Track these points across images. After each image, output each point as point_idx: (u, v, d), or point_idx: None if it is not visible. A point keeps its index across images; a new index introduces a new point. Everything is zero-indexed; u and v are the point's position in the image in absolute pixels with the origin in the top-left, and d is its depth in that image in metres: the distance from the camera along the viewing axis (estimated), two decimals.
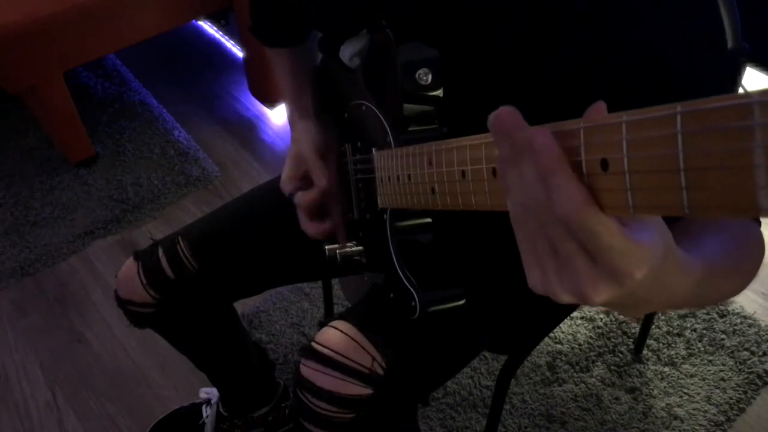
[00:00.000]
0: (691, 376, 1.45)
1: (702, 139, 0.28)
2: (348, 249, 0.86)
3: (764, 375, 1.44)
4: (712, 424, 1.37)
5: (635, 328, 1.54)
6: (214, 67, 2.52)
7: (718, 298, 0.57)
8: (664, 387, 1.44)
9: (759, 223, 0.61)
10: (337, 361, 0.79)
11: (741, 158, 0.26)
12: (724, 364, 1.47)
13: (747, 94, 0.25)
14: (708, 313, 1.57)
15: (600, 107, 0.36)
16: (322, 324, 0.85)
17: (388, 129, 0.71)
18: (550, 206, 0.36)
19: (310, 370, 0.81)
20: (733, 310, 1.56)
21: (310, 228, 0.92)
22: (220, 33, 2.65)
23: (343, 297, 1.55)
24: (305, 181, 0.92)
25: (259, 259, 1.01)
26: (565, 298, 0.38)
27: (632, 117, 0.31)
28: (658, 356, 1.50)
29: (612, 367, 1.48)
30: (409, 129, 0.69)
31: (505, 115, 0.38)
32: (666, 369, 1.47)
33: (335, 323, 0.83)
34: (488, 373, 1.48)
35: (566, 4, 0.62)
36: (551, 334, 1.54)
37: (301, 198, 0.91)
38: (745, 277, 0.56)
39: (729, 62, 0.76)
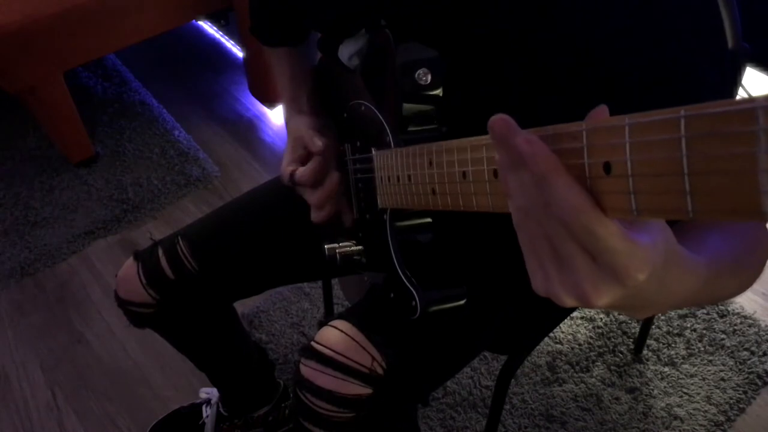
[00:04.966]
0: (691, 376, 1.45)
1: (706, 144, 0.28)
2: (348, 249, 0.86)
3: (764, 375, 1.44)
4: (712, 424, 1.37)
5: (635, 328, 1.54)
6: (214, 67, 2.52)
7: (723, 296, 0.57)
8: (664, 387, 1.44)
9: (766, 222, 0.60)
10: (337, 361, 0.79)
11: (745, 163, 0.26)
12: (724, 364, 1.47)
13: (751, 99, 0.25)
14: (708, 313, 1.57)
15: (602, 111, 0.36)
16: (322, 324, 0.85)
17: (387, 129, 0.71)
18: (550, 209, 0.36)
19: (310, 370, 0.81)
20: (733, 310, 1.56)
21: (318, 195, 0.87)
22: (220, 33, 2.65)
23: (343, 297, 1.55)
24: (304, 163, 0.89)
25: (259, 259, 1.01)
26: (568, 301, 0.38)
27: (635, 120, 0.31)
28: (658, 356, 1.50)
29: (612, 367, 1.48)
30: (409, 129, 0.69)
31: (498, 122, 0.38)
32: (666, 369, 1.47)
33: (335, 323, 0.83)
34: (488, 373, 1.48)
35: (567, 5, 0.62)
36: (551, 334, 1.54)
37: (301, 172, 0.87)
38: (751, 275, 0.56)
39: (729, 62, 0.76)
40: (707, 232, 0.55)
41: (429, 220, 0.74)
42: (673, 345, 1.51)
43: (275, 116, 2.29)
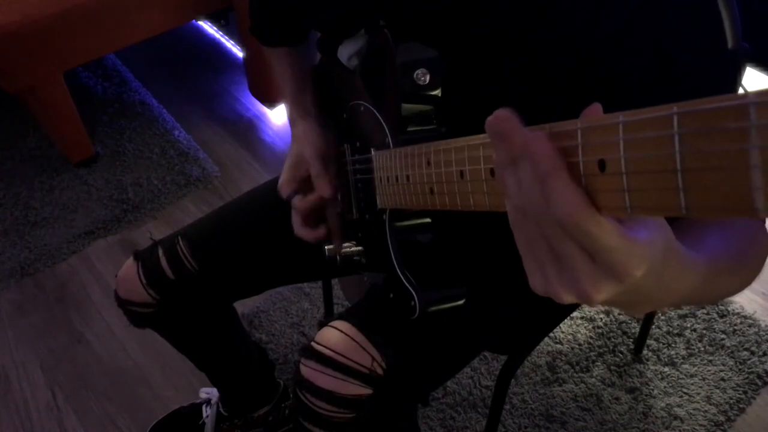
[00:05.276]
0: (691, 376, 1.45)
1: (699, 140, 0.28)
2: (348, 249, 0.86)
3: (764, 375, 1.44)
4: (712, 424, 1.37)
5: (635, 328, 1.54)
6: (214, 67, 2.52)
7: (723, 294, 0.57)
8: (664, 387, 1.44)
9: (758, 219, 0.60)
10: (337, 361, 0.79)
11: (737, 159, 0.26)
12: (724, 364, 1.47)
13: (743, 95, 0.25)
14: (708, 313, 1.57)
15: (596, 108, 0.36)
16: (322, 324, 0.85)
17: (386, 129, 0.71)
18: (547, 209, 0.36)
19: (310, 370, 0.81)
20: (733, 310, 1.56)
21: (305, 233, 0.91)
22: (220, 33, 2.65)
23: (343, 297, 1.55)
24: (304, 183, 0.92)
25: (259, 259, 1.01)
26: (567, 299, 0.38)
27: (629, 117, 0.31)
28: (658, 356, 1.50)
29: (612, 367, 1.48)
30: (408, 129, 0.69)
31: (501, 118, 0.37)
32: (666, 369, 1.47)
33: (335, 323, 0.83)
34: (488, 373, 1.48)
35: (567, 5, 0.62)
36: (551, 334, 1.54)
37: (299, 203, 0.90)
38: (750, 274, 0.56)
39: (729, 62, 0.76)
40: (707, 231, 0.55)
41: (428, 220, 0.74)
42: (673, 345, 1.51)
43: (275, 116, 2.29)
